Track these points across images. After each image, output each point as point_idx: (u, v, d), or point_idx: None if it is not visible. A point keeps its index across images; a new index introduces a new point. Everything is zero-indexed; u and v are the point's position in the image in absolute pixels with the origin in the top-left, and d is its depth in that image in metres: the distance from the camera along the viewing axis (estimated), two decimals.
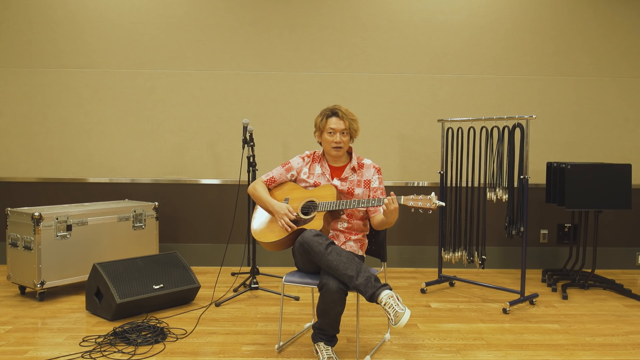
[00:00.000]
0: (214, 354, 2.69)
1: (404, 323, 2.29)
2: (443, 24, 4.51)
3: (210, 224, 4.59)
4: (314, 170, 2.82)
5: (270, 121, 4.53)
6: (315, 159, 2.85)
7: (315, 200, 2.70)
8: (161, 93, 4.51)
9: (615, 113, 4.58)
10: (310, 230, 2.53)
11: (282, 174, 2.86)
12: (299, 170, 2.85)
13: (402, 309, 2.30)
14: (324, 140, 2.78)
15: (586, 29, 4.53)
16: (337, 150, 2.75)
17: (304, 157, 2.88)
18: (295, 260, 2.72)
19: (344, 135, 2.74)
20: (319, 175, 2.80)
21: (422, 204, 2.45)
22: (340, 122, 2.73)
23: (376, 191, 2.79)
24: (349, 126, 2.73)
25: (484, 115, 4.47)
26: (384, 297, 2.34)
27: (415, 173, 4.57)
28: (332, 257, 2.42)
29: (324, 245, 2.45)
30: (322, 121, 2.77)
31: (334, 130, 2.73)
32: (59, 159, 4.52)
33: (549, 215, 4.60)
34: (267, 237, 2.72)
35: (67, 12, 4.46)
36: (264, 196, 2.79)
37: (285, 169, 2.86)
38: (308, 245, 2.47)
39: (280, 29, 4.50)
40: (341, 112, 2.74)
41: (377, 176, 2.81)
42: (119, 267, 3.26)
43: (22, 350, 2.70)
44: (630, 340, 2.94)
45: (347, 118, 2.74)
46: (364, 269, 2.42)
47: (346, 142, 2.76)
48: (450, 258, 3.90)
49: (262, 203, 2.80)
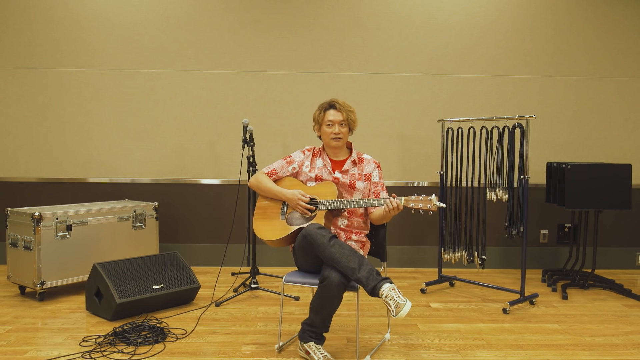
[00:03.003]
0: (214, 354, 2.69)
1: (405, 313, 2.28)
2: (443, 24, 4.51)
3: (210, 224, 4.59)
4: (315, 164, 2.84)
5: (270, 121, 4.53)
6: (316, 154, 2.87)
7: (316, 198, 2.70)
8: (161, 93, 4.51)
9: (615, 113, 4.58)
10: (314, 223, 2.55)
11: (283, 167, 2.86)
12: (300, 164, 2.86)
13: (403, 301, 2.30)
14: (323, 133, 2.81)
15: (586, 29, 4.53)
16: (337, 141, 2.77)
17: (304, 151, 2.90)
18: (296, 258, 2.72)
19: (343, 127, 2.77)
20: (320, 169, 2.82)
21: (423, 205, 2.46)
22: (338, 114, 2.76)
23: (377, 186, 2.82)
24: (347, 117, 2.77)
25: (484, 115, 4.47)
26: (385, 289, 2.34)
27: (415, 173, 4.57)
28: (334, 250, 2.43)
29: (327, 237, 2.46)
30: (320, 114, 2.81)
31: (332, 122, 2.76)
32: (59, 159, 4.53)
33: (549, 215, 4.60)
34: (270, 234, 2.72)
35: (67, 12, 4.46)
36: (271, 185, 2.79)
37: (286, 162, 2.87)
38: (311, 237, 2.48)
39: (280, 29, 4.50)
40: (338, 104, 2.78)
41: (377, 171, 2.84)
42: (119, 267, 3.26)
43: (22, 350, 2.70)
44: (630, 340, 2.94)
45: (344, 109, 2.77)
46: (366, 263, 2.42)
47: (345, 134, 2.78)
48: (450, 258, 3.90)
49: (269, 193, 2.79)
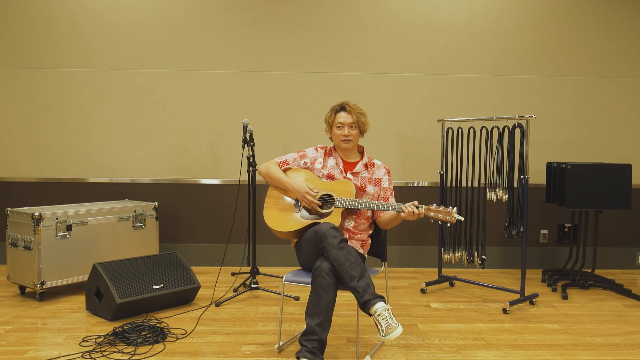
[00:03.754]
0: (214, 354, 2.69)
1: (394, 337, 2.27)
2: (443, 24, 4.51)
3: (210, 224, 4.58)
4: (327, 162, 2.85)
5: (270, 121, 4.52)
6: (328, 152, 2.89)
7: (333, 195, 2.70)
8: (161, 93, 4.51)
9: (615, 113, 4.58)
10: (328, 222, 2.56)
11: (295, 159, 2.86)
12: (313, 160, 2.86)
13: (395, 324, 2.29)
14: (333, 135, 2.84)
15: (586, 29, 4.53)
16: (347, 143, 2.79)
17: (317, 148, 2.90)
18: (300, 253, 2.71)
19: (353, 129, 2.78)
20: (332, 167, 2.82)
21: (442, 217, 2.47)
22: (348, 116, 2.78)
23: (386, 191, 2.84)
24: (357, 120, 2.78)
25: (484, 115, 4.47)
26: (379, 307, 2.33)
27: (415, 173, 4.57)
28: (341, 253, 2.42)
29: (338, 239, 2.45)
30: (331, 116, 2.84)
31: (342, 124, 2.78)
32: (59, 159, 4.52)
33: (549, 215, 4.59)
34: (282, 225, 2.71)
35: (67, 12, 4.45)
36: (280, 175, 2.79)
37: (299, 156, 2.87)
38: (323, 235, 2.47)
39: (280, 29, 4.49)
40: (349, 106, 2.80)
41: (387, 177, 2.86)
42: (119, 267, 3.26)
43: (22, 350, 2.70)
44: (630, 340, 2.94)
45: (354, 112, 2.79)
46: (367, 276, 2.42)
47: (355, 136, 2.80)
48: (450, 258, 3.89)
49: (277, 182, 2.79)
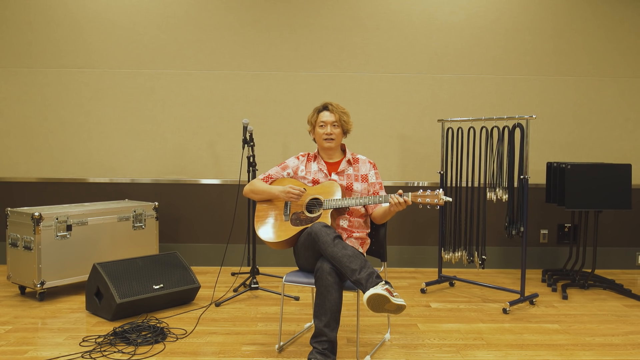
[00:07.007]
0: (214, 354, 2.69)
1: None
2: (443, 24, 4.51)
3: (210, 224, 4.58)
4: (311, 168, 2.87)
5: (270, 121, 4.52)
6: (311, 158, 2.90)
7: (320, 198, 2.71)
8: (161, 93, 4.51)
9: (615, 113, 4.58)
10: (320, 222, 2.57)
11: (278, 172, 2.91)
12: (295, 169, 2.89)
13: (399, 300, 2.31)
14: (316, 134, 2.85)
15: (586, 29, 4.53)
16: (330, 142, 2.80)
17: (298, 156, 2.93)
18: (298, 256, 2.72)
19: (335, 128, 2.80)
20: (316, 172, 2.84)
21: (430, 200, 2.49)
22: (331, 115, 2.81)
23: (375, 186, 2.84)
24: (340, 118, 2.80)
25: (484, 115, 4.47)
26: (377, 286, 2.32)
27: (415, 173, 4.57)
28: (337, 249, 2.43)
29: (331, 236, 2.46)
30: (313, 116, 2.86)
31: (325, 123, 2.80)
32: (59, 159, 4.52)
33: (549, 215, 4.59)
34: (275, 236, 2.72)
35: (67, 12, 4.45)
36: (263, 186, 2.83)
37: (281, 168, 2.91)
38: (316, 234, 2.48)
39: (280, 29, 4.49)
40: (332, 105, 2.83)
41: (373, 171, 2.86)
42: (119, 267, 3.26)
43: (22, 350, 2.70)
44: (630, 340, 2.94)
45: (337, 111, 2.81)
46: (368, 265, 2.42)
47: (338, 135, 2.81)
48: (450, 258, 3.89)
49: (263, 193, 2.81)
